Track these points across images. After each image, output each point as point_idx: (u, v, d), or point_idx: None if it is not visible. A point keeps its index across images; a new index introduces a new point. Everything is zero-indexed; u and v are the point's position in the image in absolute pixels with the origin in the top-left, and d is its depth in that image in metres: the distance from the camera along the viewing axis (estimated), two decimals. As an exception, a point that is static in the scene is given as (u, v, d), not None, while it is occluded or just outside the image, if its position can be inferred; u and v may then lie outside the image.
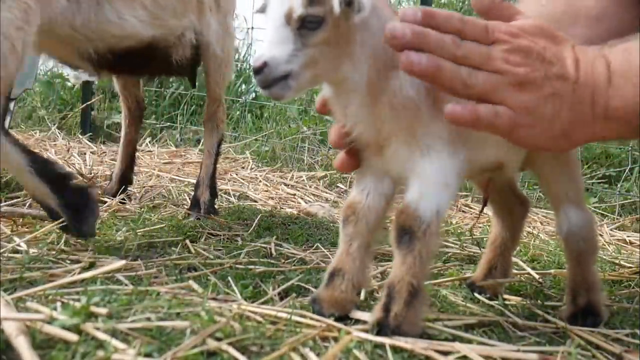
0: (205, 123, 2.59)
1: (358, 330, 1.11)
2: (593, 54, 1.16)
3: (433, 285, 1.52)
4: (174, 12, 2.28)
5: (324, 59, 1.13)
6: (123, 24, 2.13)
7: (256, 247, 1.85)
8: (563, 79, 1.13)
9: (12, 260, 1.52)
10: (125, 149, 2.82)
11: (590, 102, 1.14)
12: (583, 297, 1.34)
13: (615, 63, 1.14)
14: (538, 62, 1.13)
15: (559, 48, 1.16)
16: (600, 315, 1.32)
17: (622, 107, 1.14)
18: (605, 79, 1.13)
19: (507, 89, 1.13)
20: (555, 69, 1.13)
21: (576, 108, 1.14)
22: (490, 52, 1.13)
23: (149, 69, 2.55)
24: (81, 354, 0.93)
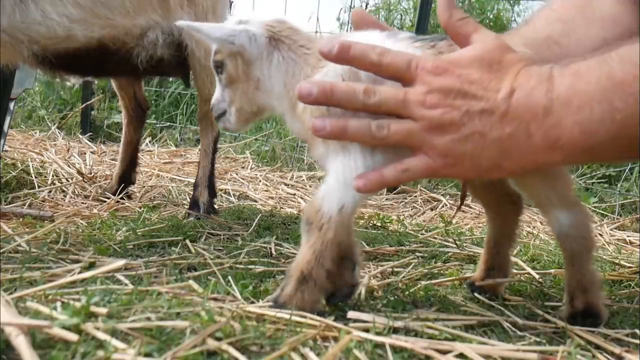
0: (200, 122, 2.55)
1: (358, 330, 1.11)
2: (538, 80, 1.10)
3: (433, 285, 1.52)
4: (124, 11, 2.17)
5: (238, 95, 1.31)
6: (51, 24, 2.04)
7: (256, 247, 1.85)
8: (488, 113, 1.10)
9: (12, 260, 1.52)
10: (125, 149, 2.82)
11: (524, 134, 1.10)
12: (580, 298, 1.32)
13: (560, 90, 1.09)
14: (458, 100, 1.11)
15: (496, 78, 1.11)
16: (599, 316, 1.30)
17: (563, 137, 1.09)
18: (542, 109, 1.09)
19: (421, 134, 1.12)
20: (480, 104, 1.10)
21: (505, 142, 1.11)
22: (406, 97, 1.13)
23: (111, 71, 2.47)
24: (81, 354, 0.93)
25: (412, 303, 1.36)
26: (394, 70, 1.14)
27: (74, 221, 2.07)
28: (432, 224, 2.57)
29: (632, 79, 1.05)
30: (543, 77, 1.11)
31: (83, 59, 2.21)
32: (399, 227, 2.37)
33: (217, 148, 2.59)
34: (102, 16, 2.13)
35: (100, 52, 2.20)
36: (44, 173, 2.81)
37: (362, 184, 1.15)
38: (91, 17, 2.11)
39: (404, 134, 1.13)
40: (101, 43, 2.17)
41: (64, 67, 2.29)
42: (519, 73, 1.12)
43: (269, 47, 1.27)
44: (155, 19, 2.26)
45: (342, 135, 1.15)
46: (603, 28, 1.45)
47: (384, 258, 1.87)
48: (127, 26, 2.20)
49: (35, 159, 3.09)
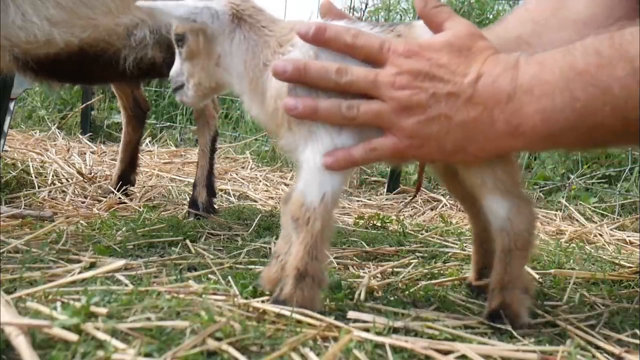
0: (197, 121, 2.52)
1: (358, 329, 1.11)
2: (504, 67, 1.14)
3: (433, 285, 1.52)
4: (106, 9, 2.08)
5: (197, 70, 1.32)
6: (31, 27, 1.97)
7: (256, 247, 1.85)
8: (454, 97, 1.13)
9: (12, 260, 1.52)
10: (124, 149, 2.81)
11: (488, 120, 1.13)
12: (497, 297, 1.24)
13: (524, 78, 1.12)
14: (426, 83, 1.14)
15: (465, 63, 1.15)
16: (516, 318, 1.21)
17: (525, 124, 1.12)
18: (506, 95, 1.12)
19: (390, 115, 1.16)
20: (447, 87, 1.13)
21: (470, 125, 1.14)
22: (376, 78, 1.16)
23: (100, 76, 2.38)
24: (81, 354, 0.93)
25: (412, 303, 1.36)
26: (367, 52, 1.18)
27: (74, 221, 2.07)
28: (432, 224, 2.57)
29: (593, 69, 1.07)
30: (509, 64, 1.14)
31: (66, 64, 2.13)
32: (399, 227, 2.37)
33: (216, 148, 2.57)
34: (83, 16, 2.05)
35: (83, 56, 2.11)
36: (44, 173, 2.81)
37: (330, 161, 1.17)
38: (72, 17, 2.03)
39: (373, 114, 1.17)
40: (82, 46, 2.09)
41: (48, 73, 2.21)
42: (486, 60, 1.15)
43: (231, 25, 1.27)
44: (140, 16, 2.15)
45: (313, 114, 1.17)
46: (575, 30, 1.46)
47: (384, 258, 1.87)
48: (110, 26, 2.11)
49: (35, 159, 3.09)
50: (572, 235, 2.53)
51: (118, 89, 2.79)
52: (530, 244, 1.26)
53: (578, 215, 2.96)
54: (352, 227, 2.38)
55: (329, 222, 1.18)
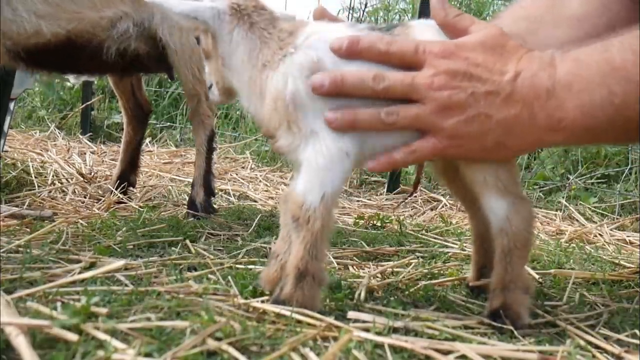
0: (191, 121, 2.52)
1: (358, 329, 1.11)
2: (540, 64, 1.15)
3: (433, 285, 1.52)
4: (91, 4, 2.16)
5: (213, 71, 1.37)
6: (21, 20, 2.04)
7: (256, 247, 1.85)
8: (494, 95, 1.14)
9: (12, 260, 1.52)
10: (124, 149, 2.81)
11: (528, 115, 1.15)
12: (499, 297, 1.24)
13: (561, 74, 1.14)
14: (465, 82, 1.15)
15: (500, 62, 1.16)
16: (517, 319, 1.21)
17: (566, 119, 1.14)
18: (545, 91, 1.14)
19: (429, 117, 1.16)
20: (485, 86, 1.14)
21: (510, 122, 1.15)
22: (413, 81, 1.16)
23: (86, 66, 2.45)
24: (81, 353, 0.93)
25: (412, 303, 1.36)
26: (402, 57, 1.18)
27: (74, 221, 2.07)
28: (432, 224, 2.57)
29: (630, 65, 1.09)
30: (545, 61, 1.16)
31: (53, 54, 2.19)
32: (399, 227, 2.37)
33: (214, 147, 2.56)
34: (69, 10, 2.13)
35: (69, 46, 2.18)
36: (44, 173, 2.81)
37: (372, 165, 1.21)
38: (58, 12, 2.11)
39: (413, 117, 1.17)
40: (69, 37, 2.15)
41: (37, 63, 2.27)
42: (522, 57, 1.16)
43: (230, 25, 1.27)
44: (124, 9, 2.23)
45: (354, 124, 1.18)
46: (570, 27, 1.47)
47: (384, 258, 1.87)
48: (94, 19, 2.18)
49: (36, 159, 3.09)
50: (572, 235, 2.53)
51: (118, 89, 2.78)
52: (530, 243, 1.26)
53: (578, 215, 2.96)
54: (352, 227, 2.38)
55: (329, 221, 1.18)
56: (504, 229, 1.23)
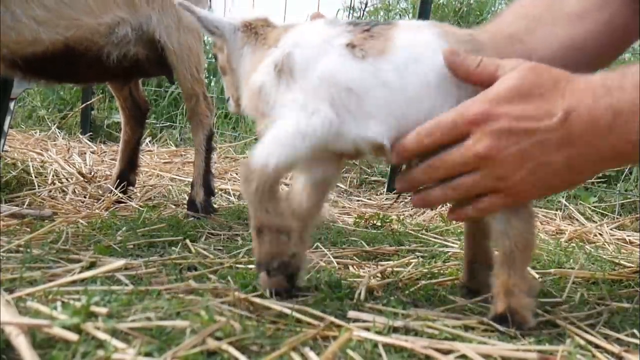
0: (190, 121, 2.52)
1: (358, 329, 1.11)
2: (593, 96, 1.09)
3: (433, 285, 1.52)
4: (88, 9, 2.17)
5: (228, 85, 1.44)
6: (20, 27, 2.04)
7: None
8: (547, 142, 1.11)
9: (12, 260, 1.52)
10: (123, 148, 2.81)
11: (593, 151, 1.11)
12: (503, 301, 1.23)
13: (622, 105, 1.07)
14: (513, 138, 1.11)
15: (544, 104, 1.11)
16: (524, 322, 1.21)
17: (631, 149, 1.10)
18: (607, 127, 1.08)
19: (489, 181, 1.16)
20: (535, 137, 1.11)
21: (573, 161, 1.12)
22: (463, 156, 1.15)
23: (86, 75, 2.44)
24: (81, 353, 0.93)
25: (412, 303, 1.36)
26: (447, 139, 1.17)
27: (74, 221, 2.07)
28: (432, 224, 2.57)
29: None
30: (599, 92, 1.09)
31: (52, 62, 2.19)
32: (399, 227, 2.37)
33: (213, 147, 2.56)
34: (66, 17, 2.13)
35: (68, 53, 2.18)
36: (44, 173, 2.81)
37: (452, 217, 1.30)
38: (56, 18, 2.11)
39: (474, 186, 1.18)
40: (67, 44, 2.16)
41: (35, 72, 2.27)
42: (566, 91, 1.11)
43: (242, 41, 1.36)
44: (121, 15, 2.24)
45: (428, 204, 1.27)
46: (570, 24, 1.45)
47: (384, 258, 1.87)
48: (93, 25, 2.18)
49: (36, 158, 3.09)
50: (572, 234, 2.53)
51: (115, 89, 2.78)
52: (531, 244, 1.24)
53: (578, 214, 2.96)
54: (352, 226, 2.38)
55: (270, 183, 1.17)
56: (504, 232, 1.22)
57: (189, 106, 2.48)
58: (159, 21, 2.30)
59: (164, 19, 2.32)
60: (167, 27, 2.32)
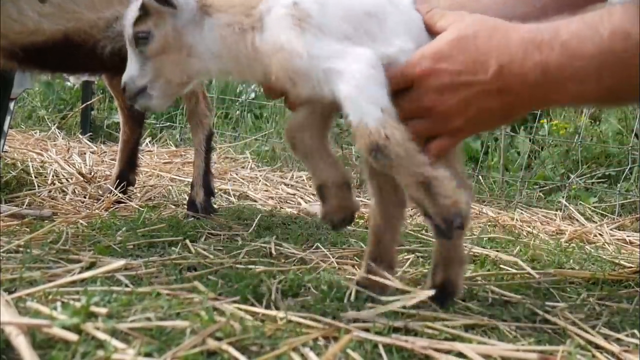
0: (189, 121, 2.52)
1: (358, 329, 1.11)
2: (525, 52, 1.16)
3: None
4: (91, 4, 2.19)
5: (167, 66, 1.30)
6: (24, 20, 2.07)
7: (256, 247, 1.85)
8: (485, 93, 1.20)
9: (12, 260, 1.52)
10: (122, 148, 2.81)
11: (524, 99, 1.22)
12: (440, 274, 1.36)
13: (552, 64, 1.14)
14: (454, 91, 1.20)
15: (480, 57, 1.18)
16: (457, 290, 1.36)
17: (559, 101, 1.27)
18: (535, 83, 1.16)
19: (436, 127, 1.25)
20: (474, 89, 1.19)
21: (509, 105, 1.22)
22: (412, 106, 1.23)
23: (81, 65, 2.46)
24: (81, 353, 0.93)
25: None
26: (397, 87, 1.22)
27: (73, 221, 2.07)
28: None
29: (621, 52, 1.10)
30: (530, 49, 1.16)
31: (50, 52, 2.20)
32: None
33: (212, 147, 2.56)
34: (69, 10, 2.15)
35: (66, 44, 2.19)
36: (44, 173, 2.81)
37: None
38: (61, 11, 2.13)
39: (423, 130, 1.24)
40: (67, 36, 2.17)
41: (33, 61, 2.28)
42: (500, 46, 1.18)
43: (199, 13, 1.30)
44: (121, 10, 2.20)
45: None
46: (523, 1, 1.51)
47: (384, 258, 1.87)
48: (93, 19, 2.20)
49: (35, 159, 3.09)
50: (572, 235, 2.53)
51: (114, 89, 2.79)
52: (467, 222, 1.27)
53: (578, 215, 2.96)
54: (352, 227, 2.38)
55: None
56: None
57: (189, 106, 2.48)
58: None
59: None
60: None
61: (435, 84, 1.20)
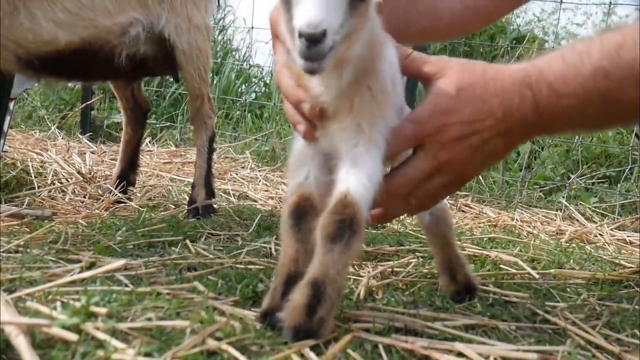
0: (192, 121, 2.52)
1: (358, 329, 1.11)
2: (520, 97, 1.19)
3: (433, 285, 1.52)
4: (106, 11, 2.20)
5: (357, 33, 1.04)
6: (38, 29, 2.08)
7: (256, 247, 1.85)
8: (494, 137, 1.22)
9: (12, 260, 1.52)
10: (123, 148, 2.81)
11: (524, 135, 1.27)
12: (461, 274, 1.44)
13: (543, 105, 1.18)
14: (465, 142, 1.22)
15: (483, 104, 1.21)
16: (477, 287, 1.45)
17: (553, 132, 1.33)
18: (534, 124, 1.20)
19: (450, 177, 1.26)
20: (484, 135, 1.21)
21: (513, 145, 1.29)
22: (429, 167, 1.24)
23: (96, 73, 2.46)
24: (81, 353, 0.93)
25: (412, 303, 1.36)
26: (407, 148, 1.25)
27: (73, 221, 2.07)
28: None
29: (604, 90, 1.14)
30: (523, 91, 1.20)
31: (66, 60, 2.21)
32: (399, 227, 2.37)
33: (214, 148, 2.57)
34: (86, 18, 2.16)
35: (83, 52, 2.20)
36: (44, 173, 2.81)
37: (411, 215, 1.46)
38: (77, 19, 2.14)
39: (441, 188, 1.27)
40: (83, 44, 2.19)
41: (49, 70, 2.29)
42: (497, 91, 1.21)
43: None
44: (134, 15, 2.26)
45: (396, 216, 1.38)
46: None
47: (384, 258, 1.87)
48: (108, 25, 2.21)
49: (35, 158, 3.09)
50: (572, 235, 2.53)
51: (118, 90, 2.79)
52: (453, 224, 1.49)
53: (578, 215, 2.96)
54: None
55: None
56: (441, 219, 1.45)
57: (194, 107, 2.48)
58: (168, 20, 2.32)
59: (174, 19, 2.33)
60: (177, 27, 2.33)
61: (448, 137, 1.22)
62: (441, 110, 1.23)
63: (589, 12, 6.37)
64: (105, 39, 2.22)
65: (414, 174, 1.24)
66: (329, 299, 1.03)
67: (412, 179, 1.24)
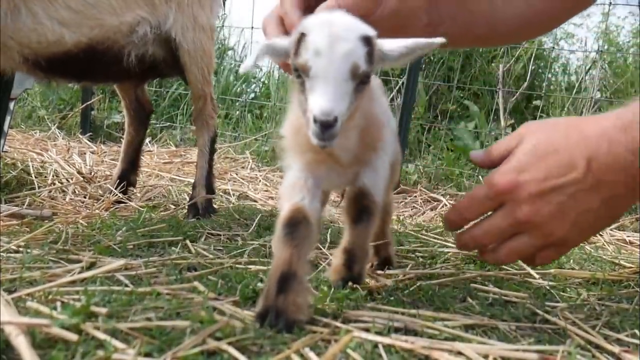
0: (195, 122, 2.52)
1: (358, 329, 1.11)
2: (608, 139, 1.12)
3: (433, 285, 1.52)
4: (112, 9, 2.18)
5: (360, 106, 1.19)
6: (41, 28, 2.06)
7: (256, 247, 1.85)
8: (580, 192, 1.15)
9: (12, 260, 1.52)
10: (125, 149, 2.81)
11: (623, 189, 1.15)
12: (384, 251, 1.66)
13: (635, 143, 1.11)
14: (545, 199, 1.17)
15: (563, 159, 1.15)
16: (393, 263, 1.68)
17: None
18: (629, 163, 1.11)
19: (539, 240, 1.22)
20: (567, 191, 1.15)
21: (611, 201, 1.17)
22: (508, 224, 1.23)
23: (105, 73, 2.44)
24: (81, 353, 0.93)
25: (412, 303, 1.36)
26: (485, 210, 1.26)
27: (74, 221, 2.07)
28: (432, 224, 2.57)
29: None
30: (612, 134, 1.12)
31: (74, 61, 2.20)
32: (399, 227, 2.37)
33: (215, 148, 2.57)
34: (91, 17, 2.14)
35: (90, 52, 2.19)
36: (44, 173, 2.81)
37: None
38: (81, 18, 2.12)
39: (527, 248, 1.25)
40: (90, 43, 2.17)
41: (56, 71, 2.28)
42: (579, 141, 1.14)
43: None
44: (141, 14, 2.25)
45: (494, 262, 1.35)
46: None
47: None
48: (115, 24, 2.19)
49: (35, 158, 3.09)
50: (572, 235, 2.52)
51: (121, 90, 2.79)
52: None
53: (578, 215, 2.95)
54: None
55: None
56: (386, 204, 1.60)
57: (197, 107, 2.48)
58: (175, 20, 2.31)
59: (181, 18, 2.32)
60: (183, 26, 2.32)
61: (523, 195, 1.18)
62: (512, 169, 1.20)
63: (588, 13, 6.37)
64: (113, 38, 2.21)
65: (489, 228, 1.25)
66: (359, 259, 1.35)
67: (486, 232, 1.25)
